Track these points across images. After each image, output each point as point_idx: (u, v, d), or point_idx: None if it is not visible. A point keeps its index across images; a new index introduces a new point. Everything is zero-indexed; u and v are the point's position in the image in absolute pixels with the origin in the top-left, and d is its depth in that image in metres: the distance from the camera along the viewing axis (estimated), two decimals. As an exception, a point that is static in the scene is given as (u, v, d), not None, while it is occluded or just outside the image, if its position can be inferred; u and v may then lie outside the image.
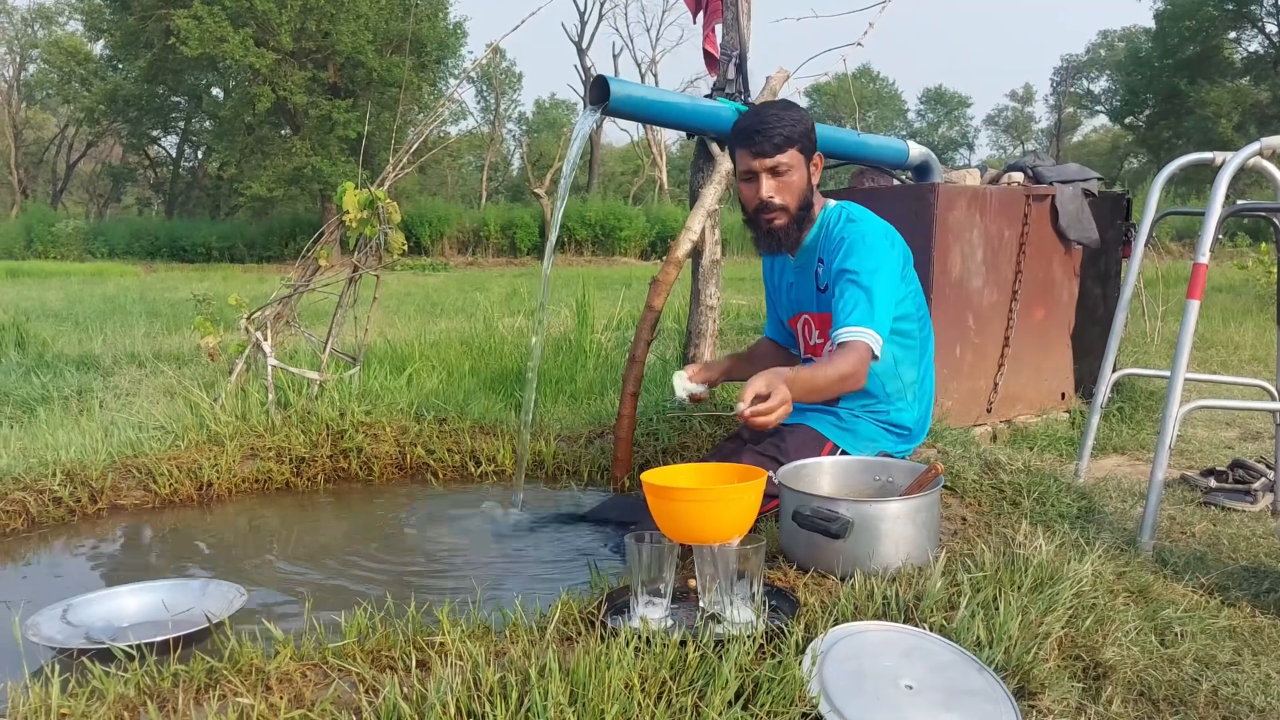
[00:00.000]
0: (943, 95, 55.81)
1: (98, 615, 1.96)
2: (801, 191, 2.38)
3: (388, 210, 3.47)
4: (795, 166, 2.35)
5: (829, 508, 1.93)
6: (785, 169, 2.35)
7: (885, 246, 2.34)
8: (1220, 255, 15.80)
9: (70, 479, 2.84)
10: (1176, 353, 2.58)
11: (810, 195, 2.42)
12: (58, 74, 34.21)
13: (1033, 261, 3.96)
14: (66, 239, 24.68)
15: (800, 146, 2.35)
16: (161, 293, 12.05)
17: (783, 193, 2.36)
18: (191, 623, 1.84)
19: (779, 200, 2.37)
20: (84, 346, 6.22)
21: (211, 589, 2.05)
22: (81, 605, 1.97)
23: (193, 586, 2.08)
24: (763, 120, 2.35)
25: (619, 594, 1.82)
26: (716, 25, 3.44)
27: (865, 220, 2.40)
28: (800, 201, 2.38)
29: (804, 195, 2.39)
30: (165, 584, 2.09)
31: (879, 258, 2.30)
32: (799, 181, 2.37)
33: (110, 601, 2.01)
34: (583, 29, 37.33)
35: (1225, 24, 31.38)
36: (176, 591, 2.05)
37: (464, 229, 26.00)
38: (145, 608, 2.00)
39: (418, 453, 3.26)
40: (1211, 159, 2.76)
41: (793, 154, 2.34)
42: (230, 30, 22.47)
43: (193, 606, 1.97)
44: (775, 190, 2.36)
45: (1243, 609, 2.13)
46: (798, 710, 1.43)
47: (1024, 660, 1.62)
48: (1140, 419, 4.24)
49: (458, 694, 1.36)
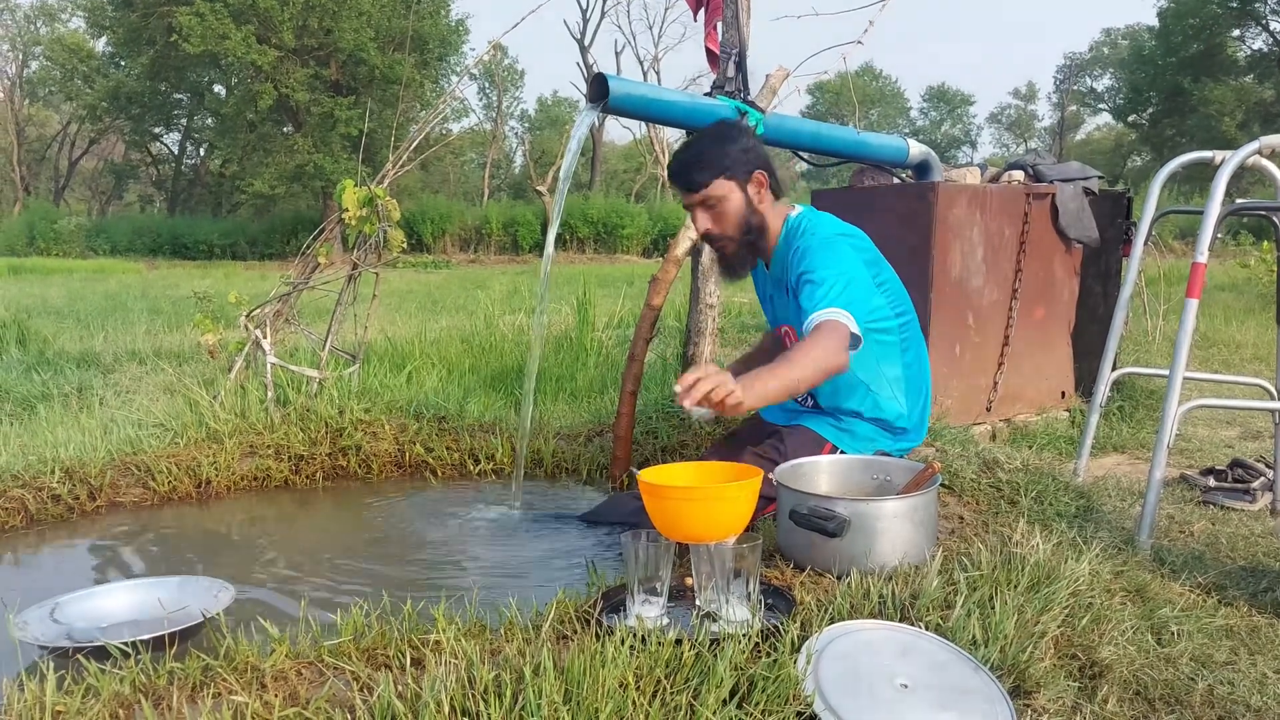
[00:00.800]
0: (945, 93, 55.74)
1: (84, 613, 1.96)
2: (739, 217, 2.36)
3: (387, 208, 3.47)
4: (726, 195, 2.34)
5: (826, 506, 1.93)
6: (714, 201, 2.34)
7: (844, 247, 2.32)
8: (1223, 254, 15.77)
9: (69, 476, 2.84)
10: (1175, 351, 2.58)
11: (753, 216, 2.38)
12: (60, 71, 34.22)
13: (1033, 260, 3.95)
14: (68, 236, 24.72)
15: (729, 173, 2.33)
16: (163, 290, 12.06)
17: (719, 223, 2.37)
18: (179, 620, 1.84)
19: (716, 230, 2.38)
20: (85, 344, 6.23)
21: (199, 586, 2.05)
22: (69, 604, 1.97)
23: (180, 584, 2.07)
24: (683, 158, 2.37)
25: (615, 593, 1.82)
26: (718, 23, 3.43)
27: (821, 226, 2.37)
28: (740, 226, 2.37)
29: (743, 219, 2.36)
30: (153, 582, 2.08)
31: (838, 257, 2.28)
32: (734, 209, 2.35)
33: (97, 600, 2.01)
34: (585, 26, 37.32)
35: (1229, 22, 31.31)
36: (163, 589, 2.04)
37: (466, 226, 26.00)
38: (132, 605, 2.00)
39: (417, 451, 3.27)
40: (1211, 158, 2.75)
41: (719, 183, 2.33)
42: (232, 27, 22.47)
43: (180, 604, 1.97)
44: (710, 222, 2.37)
45: (1240, 608, 2.13)
46: (792, 709, 1.43)
47: (1020, 659, 1.62)
48: (1140, 418, 4.23)
49: (452, 692, 1.36)
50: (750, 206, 2.36)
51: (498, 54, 39.96)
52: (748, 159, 2.35)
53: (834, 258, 2.26)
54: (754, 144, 2.38)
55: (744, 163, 2.34)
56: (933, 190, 3.60)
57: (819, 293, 2.19)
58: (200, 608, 1.92)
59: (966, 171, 4.05)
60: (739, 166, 2.34)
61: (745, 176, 2.35)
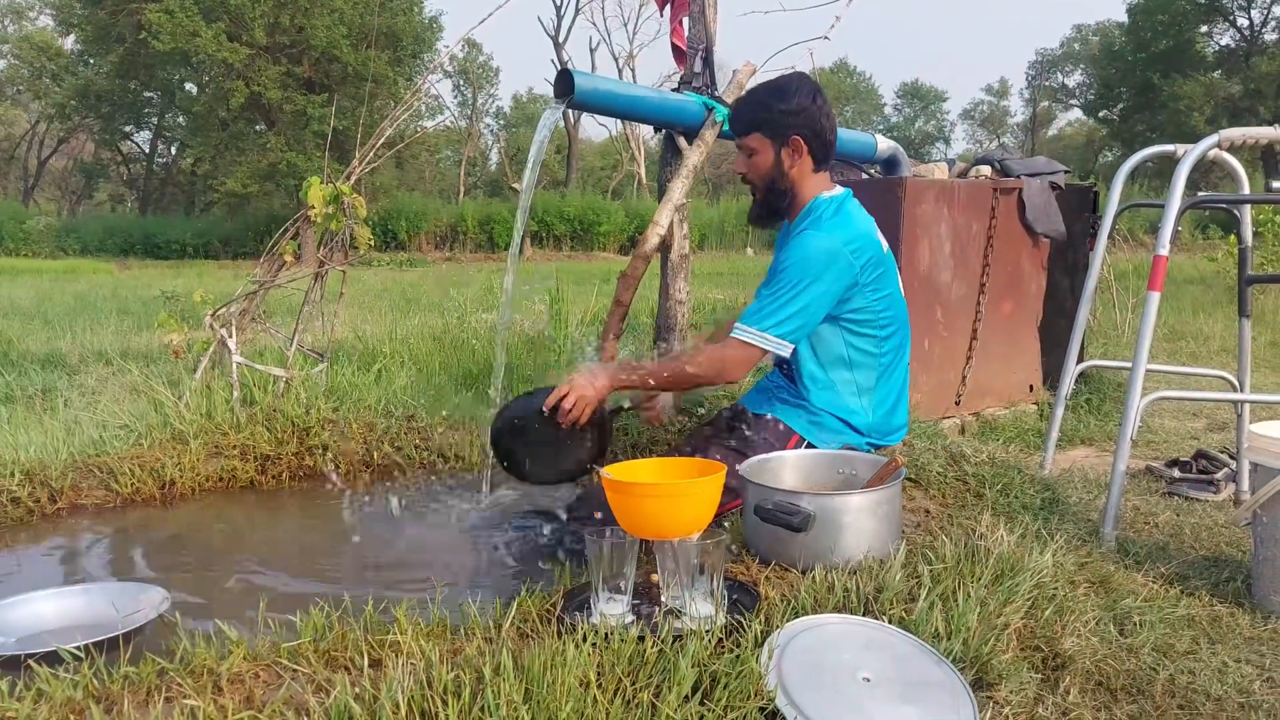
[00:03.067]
0: (919, 89, 55.98)
1: (15, 621, 1.92)
2: (766, 173, 2.42)
3: (353, 205, 3.44)
4: (759, 149, 2.41)
5: (791, 501, 1.94)
6: (749, 150, 2.44)
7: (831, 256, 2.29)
8: (1192, 248, 15.96)
9: (30, 479, 2.80)
10: (1137, 344, 2.60)
11: (780, 179, 2.41)
12: (28, 69, 33.74)
13: (1000, 255, 3.97)
14: (38, 236, 24.39)
15: (765, 131, 2.38)
16: (134, 290, 11.92)
17: (750, 171, 2.46)
18: (109, 627, 1.80)
19: (747, 176, 2.48)
20: (51, 345, 6.14)
21: (135, 592, 2.00)
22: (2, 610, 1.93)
23: (116, 590, 2.03)
24: (738, 103, 2.49)
25: (580, 591, 1.82)
26: (684, 18, 3.43)
27: (837, 223, 2.35)
28: (764, 182, 2.44)
29: (769, 177, 2.42)
30: (88, 588, 2.04)
31: (815, 265, 2.27)
32: (763, 163, 2.42)
33: (29, 606, 1.97)
34: (559, 23, 37.24)
35: (1197, 18, 31.64)
36: (98, 595, 2.00)
37: (441, 224, 25.86)
38: (66, 612, 1.96)
39: (385, 450, 3.24)
40: (1173, 151, 2.77)
41: (755, 137, 2.40)
42: (203, 25, 22.23)
43: (115, 610, 1.93)
44: (745, 167, 2.47)
45: (1202, 598, 2.15)
46: (755, 704, 1.43)
47: (982, 652, 1.62)
48: (1108, 410, 4.27)
49: (410, 693, 1.35)
50: (779, 168, 2.41)
51: (470, 51, 39.79)
52: (790, 121, 2.37)
53: (811, 277, 2.26)
54: (806, 107, 2.37)
55: (784, 124, 2.37)
56: (900, 185, 3.61)
57: (764, 309, 2.28)
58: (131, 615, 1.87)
59: (934, 167, 4.06)
60: (777, 126, 2.38)
61: (782, 137, 2.38)
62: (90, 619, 1.92)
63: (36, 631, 1.90)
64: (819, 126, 2.39)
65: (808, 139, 2.38)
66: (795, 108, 2.36)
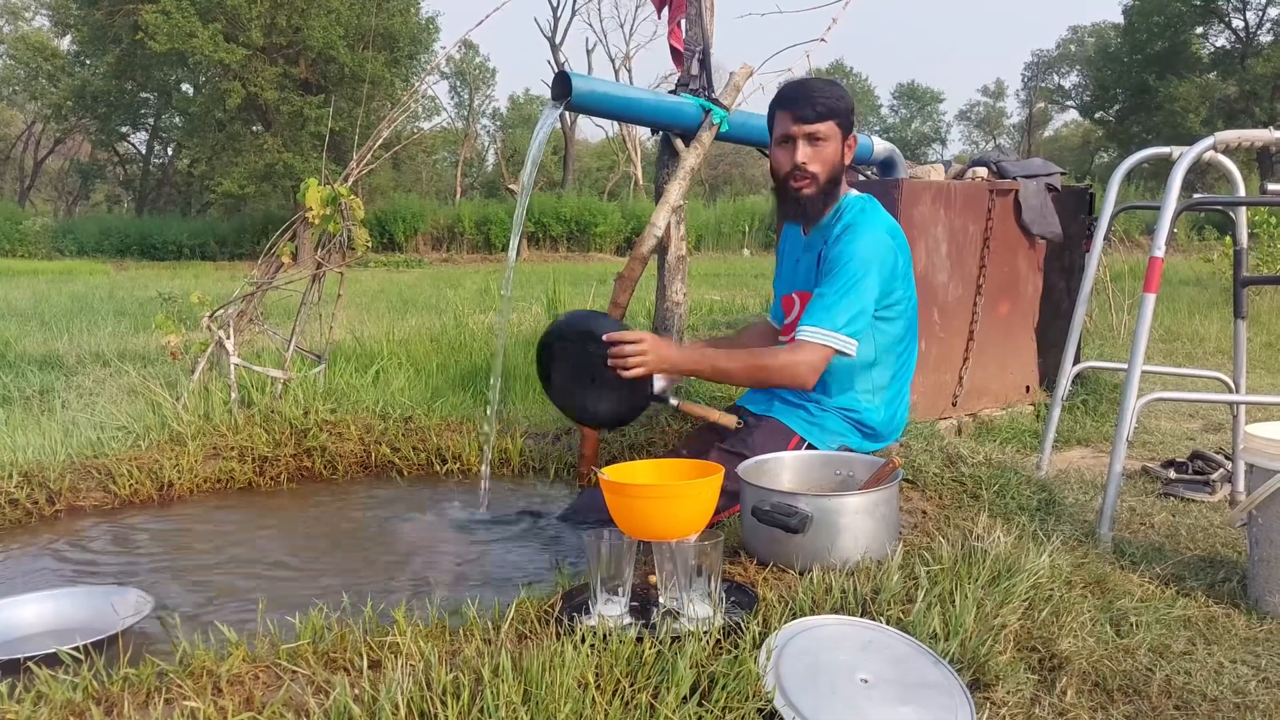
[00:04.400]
0: (915, 91, 56.05)
1: None
2: (834, 164, 2.43)
3: (351, 206, 3.44)
4: (831, 139, 2.42)
5: (788, 502, 1.94)
6: (822, 138, 2.41)
7: (883, 247, 2.37)
8: (1189, 249, 15.99)
9: (28, 480, 2.80)
10: (1133, 346, 2.61)
11: (840, 172, 2.46)
12: (24, 70, 33.65)
13: (997, 256, 3.98)
14: (34, 237, 24.33)
15: (839, 121, 2.41)
16: (131, 291, 11.91)
17: (816, 161, 2.41)
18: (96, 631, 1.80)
19: (812, 167, 2.41)
20: (48, 346, 6.14)
21: (117, 596, 1.99)
22: None
23: (98, 594, 2.02)
24: (809, 88, 2.44)
25: (578, 592, 1.82)
26: (681, 20, 3.43)
27: (877, 217, 2.43)
28: (830, 174, 2.44)
29: (835, 169, 2.44)
30: (69, 592, 2.03)
31: (872, 260, 2.33)
32: (832, 154, 2.42)
33: (8, 611, 1.96)
34: (555, 25, 37.22)
35: (1193, 19, 31.72)
36: (79, 600, 1.99)
37: (438, 225, 25.85)
38: (45, 616, 1.95)
39: (383, 451, 3.25)
40: (1169, 153, 2.78)
41: (831, 126, 2.40)
42: (199, 25, 22.19)
43: (95, 615, 1.92)
44: (810, 157, 2.41)
45: (1198, 599, 2.16)
46: (753, 705, 1.43)
47: (979, 652, 1.63)
48: (1104, 411, 4.28)
49: (409, 694, 1.35)
50: (840, 160, 2.44)
51: (468, 52, 39.79)
52: (851, 120, 2.44)
53: (868, 272, 2.32)
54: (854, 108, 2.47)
55: (850, 122, 2.44)
56: (897, 187, 3.62)
57: (829, 309, 2.29)
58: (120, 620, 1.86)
59: (931, 169, 4.07)
60: (847, 122, 2.43)
61: (847, 130, 2.44)
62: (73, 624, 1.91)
63: (7, 639, 1.89)
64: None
65: (853, 139, 2.47)
66: (852, 107, 2.44)
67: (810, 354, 2.27)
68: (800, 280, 2.58)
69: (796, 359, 2.27)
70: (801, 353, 2.27)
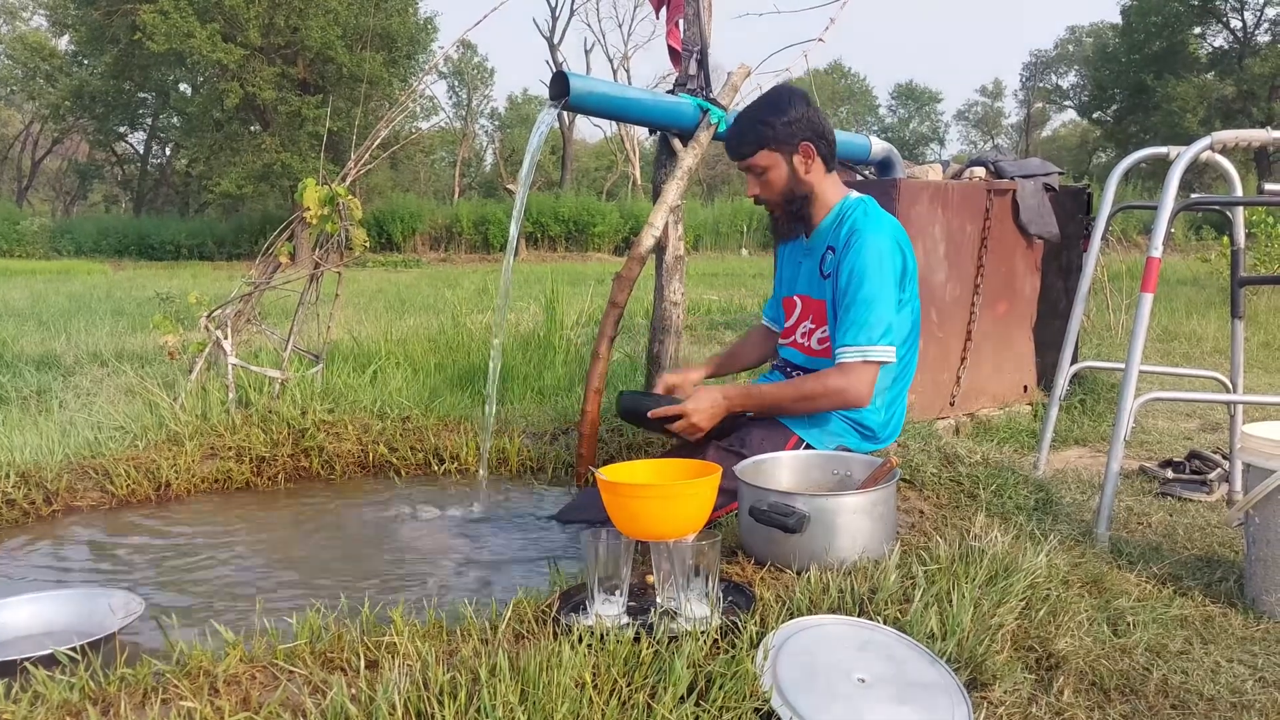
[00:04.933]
0: (913, 90, 56.07)
1: None
2: (784, 188, 2.44)
3: (349, 206, 3.44)
4: (772, 166, 2.43)
5: (786, 502, 1.94)
6: (760, 169, 2.44)
7: (892, 252, 2.36)
8: (1186, 249, 16.01)
9: (25, 480, 2.79)
10: (1130, 346, 2.61)
11: (798, 186, 2.45)
12: (22, 70, 33.61)
13: (994, 256, 3.98)
14: (32, 237, 24.33)
15: (774, 146, 2.40)
16: (129, 291, 11.91)
17: (764, 190, 2.47)
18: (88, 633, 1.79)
19: (762, 196, 2.48)
20: (46, 346, 6.13)
21: (108, 599, 1.97)
22: None
23: (88, 596, 2.00)
24: (736, 125, 2.47)
25: (575, 592, 1.82)
26: (679, 20, 3.43)
27: (880, 219, 2.41)
28: (784, 196, 2.45)
29: (787, 189, 2.44)
30: (60, 594, 2.01)
31: (885, 264, 2.33)
32: (778, 178, 2.43)
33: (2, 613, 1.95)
34: (554, 24, 37.24)
35: (1190, 19, 31.77)
36: (70, 602, 1.98)
37: (436, 225, 25.85)
38: (35, 619, 1.94)
39: (380, 451, 3.24)
40: (1166, 153, 2.79)
41: (764, 154, 2.41)
42: (197, 25, 22.18)
43: (86, 618, 1.91)
44: (757, 189, 2.48)
45: (1195, 598, 2.16)
46: (750, 705, 1.43)
47: (976, 652, 1.63)
48: (1101, 411, 4.28)
49: (406, 694, 1.35)
50: (795, 177, 2.44)
51: (466, 52, 39.77)
52: (794, 130, 2.40)
53: (884, 277, 2.32)
54: (804, 113, 2.41)
55: (790, 134, 2.40)
56: (895, 186, 3.62)
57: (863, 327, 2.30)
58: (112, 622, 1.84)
59: (928, 169, 4.07)
60: (784, 138, 2.40)
61: (791, 147, 2.41)
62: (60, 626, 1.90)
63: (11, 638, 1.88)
64: (821, 128, 2.44)
65: (814, 142, 2.42)
66: (795, 116, 2.40)
67: (860, 375, 2.30)
68: (802, 284, 2.58)
69: (848, 382, 2.30)
70: (852, 375, 2.30)
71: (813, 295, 2.53)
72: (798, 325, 2.59)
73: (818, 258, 2.50)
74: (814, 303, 2.52)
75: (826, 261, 2.46)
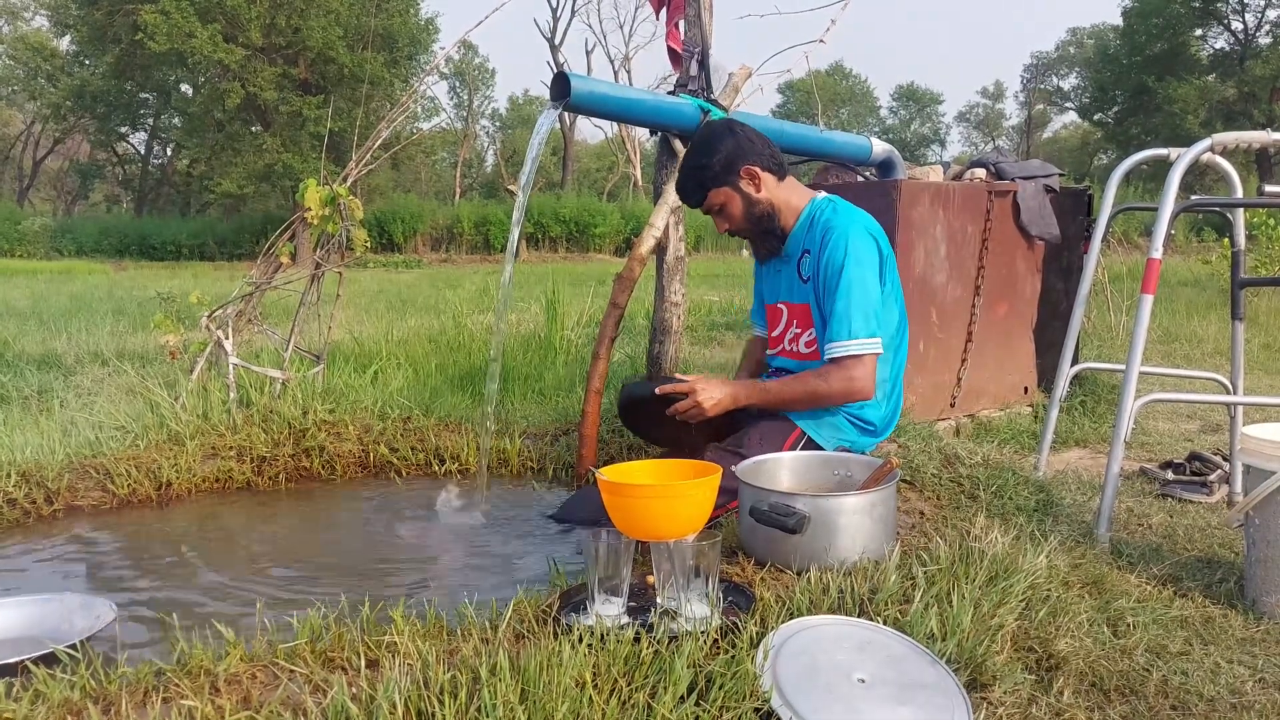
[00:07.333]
0: (915, 92, 56.07)
1: None
2: (744, 213, 2.51)
3: (349, 207, 3.44)
4: (725, 200, 2.51)
5: (786, 503, 1.94)
6: (716, 208, 2.53)
7: (866, 243, 2.40)
8: (1187, 250, 16.01)
9: (26, 480, 2.80)
10: (1130, 347, 2.61)
11: (755, 208, 2.50)
12: (23, 70, 33.67)
13: (995, 257, 3.98)
14: (33, 237, 24.38)
15: (719, 183, 2.47)
16: (130, 291, 11.91)
17: (730, 223, 2.56)
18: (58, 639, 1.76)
19: (732, 229, 2.56)
20: (47, 345, 6.14)
21: (80, 604, 1.95)
22: None
23: (60, 602, 1.98)
24: (679, 176, 2.57)
25: (576, 592, 1.82)
26: (680, 21, 3.43)
27: (849, 215, 2.45)
28: (749, 220, 2.52)
29: (749, 214, 2.51)
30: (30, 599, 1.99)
31: (862, 257, 2.37)
32: (736, 209, 2.51)
33: None
34: (555, 25, 37.26)
35: (1192, 21, 31.78)
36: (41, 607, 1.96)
37: (437, 226, 25.89)
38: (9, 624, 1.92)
39: (381, 451, 3.25)
40: (1166, 155, 2.79)
41: (714, 194, 2.50)
42: (198, 25, 22.22)
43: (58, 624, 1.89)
44: (726, 224, 2.56)
45: (1195, 599, 2.16)
46: (750, 705, 1.43)
47: (976, 653, 1.63)
48: (1102, 412, 4.28)
49: (406, 693, 1.35)
50: (750, 200, 2.49)
51: (467, 53, 39.78)
52: (730, 161, 2.46)
53: (863, 269, 2.37)
54: (732, 142, 2.46)
55: (727, 167, 2.46)
56: (896, 188, 3.62)
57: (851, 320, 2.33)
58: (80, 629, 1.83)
59: (929, 170, 4.07)
60: (724, 172, 2.47)
61: (734, 177, 2.47)
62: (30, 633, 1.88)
63: None
64: (754, 148, 2.48)
65: (754, 161, 2.47)
66: (725, 149, 2.46)
67: (854, 367, 2.33)
68: (784, 290, 2.62)
69: (848, 374, 2.34)
70: (848, 369, 2.33)
71: (795, 300, 2.56)
72: (785, 332, 2.61)
73: (795, 263, 2.54)
74: (798, 307, 2.55)
75: (804, 264, 2.50)
